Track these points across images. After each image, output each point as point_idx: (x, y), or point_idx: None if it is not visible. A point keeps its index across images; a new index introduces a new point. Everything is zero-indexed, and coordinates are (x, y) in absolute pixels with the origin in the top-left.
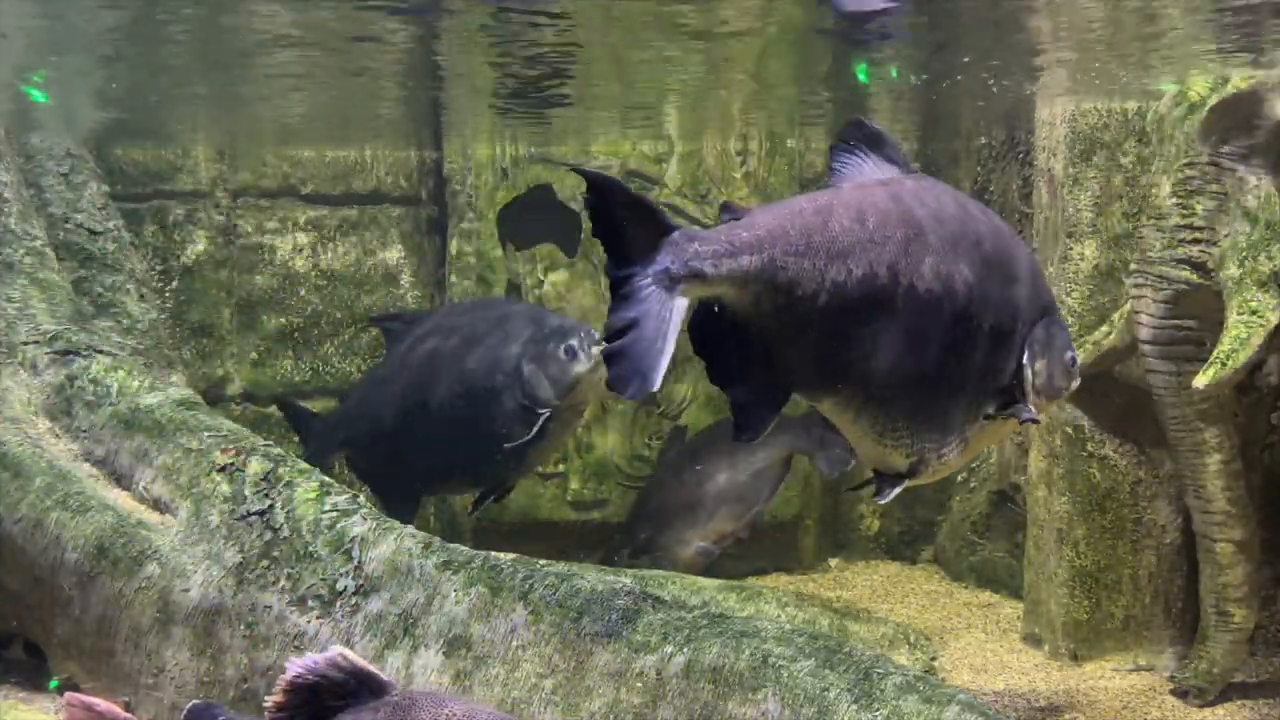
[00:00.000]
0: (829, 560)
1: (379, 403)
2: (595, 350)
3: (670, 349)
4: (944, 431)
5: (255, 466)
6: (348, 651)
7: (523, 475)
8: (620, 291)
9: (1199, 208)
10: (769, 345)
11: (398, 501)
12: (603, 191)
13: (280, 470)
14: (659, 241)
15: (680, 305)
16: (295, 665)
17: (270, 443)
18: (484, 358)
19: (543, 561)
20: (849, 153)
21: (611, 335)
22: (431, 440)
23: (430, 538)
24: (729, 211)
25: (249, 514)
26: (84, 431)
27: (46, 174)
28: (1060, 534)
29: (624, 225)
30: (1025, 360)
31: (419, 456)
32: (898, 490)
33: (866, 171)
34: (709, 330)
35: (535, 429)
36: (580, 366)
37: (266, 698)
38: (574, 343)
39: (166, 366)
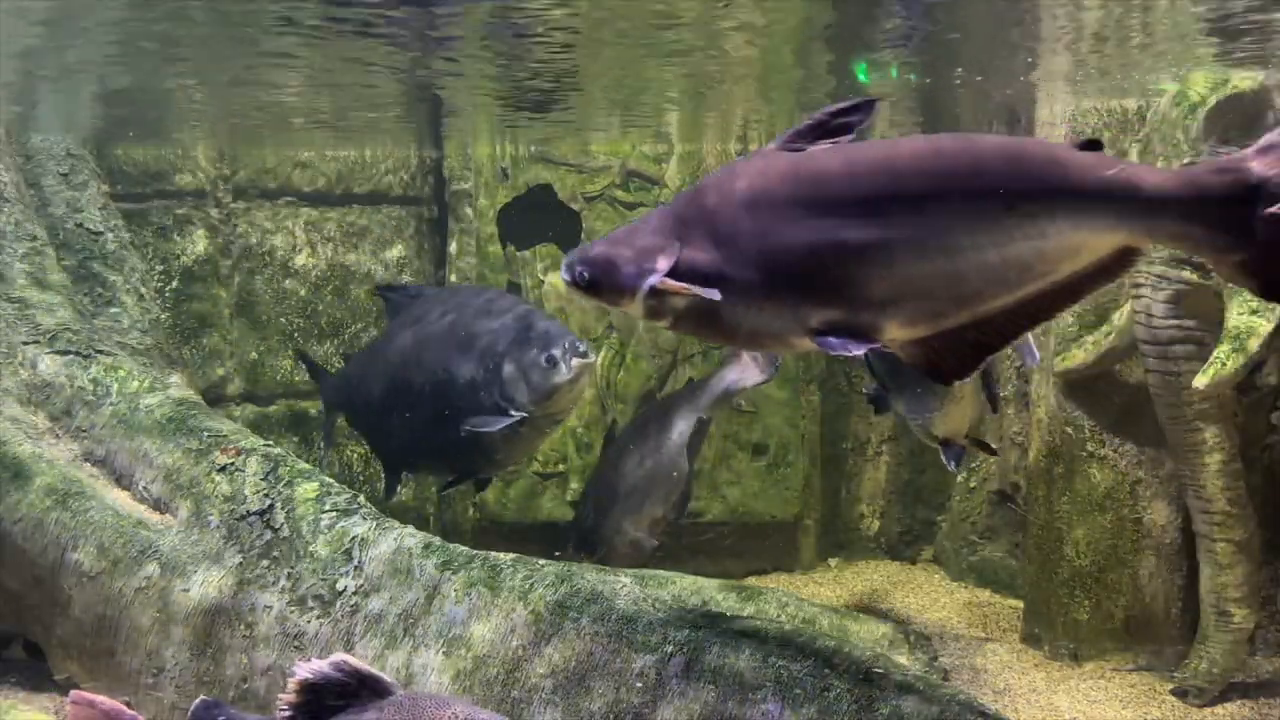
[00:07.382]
0: (829, 560)
1: (371, 372)
2: (577, 362)
3: None
4: None
5: (255, 466)
6: (349, 657)
7: (494, 472)
8: None
9: None
10: None
11: (386, 470)
12: None
13: (280, 470)
14: None
15: None
16: (303, 668)
17: (270, 443)
18: (469, 351)
19: (543, 561)
20: None
21: None
22: (411, 419)
23: (430, 538)
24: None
25: (249, 514)
26: (84, 431)
27: (46, 174)
28: (1060, 534)
29: None
30: None
31: (399, 432)
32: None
33: None
34: None
35: (500, 427)
36: (560, 377)
37: (280, 696)
38: (556, 352)
39: (166, 366)
